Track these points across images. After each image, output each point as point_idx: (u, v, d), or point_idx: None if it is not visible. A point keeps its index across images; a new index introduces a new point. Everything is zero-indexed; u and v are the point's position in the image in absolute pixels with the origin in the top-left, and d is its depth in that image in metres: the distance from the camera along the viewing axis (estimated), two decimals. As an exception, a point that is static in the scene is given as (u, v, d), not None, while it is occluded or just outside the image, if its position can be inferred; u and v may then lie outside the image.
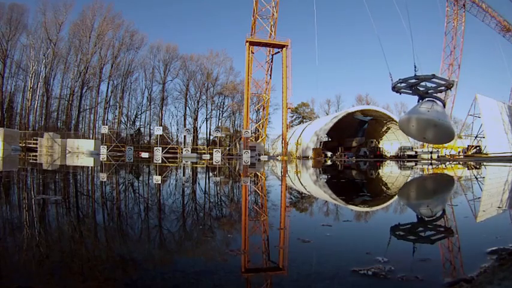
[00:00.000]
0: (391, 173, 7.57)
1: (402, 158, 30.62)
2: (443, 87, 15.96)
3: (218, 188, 3.70)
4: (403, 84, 16.25)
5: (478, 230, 1.73)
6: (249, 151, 25.17)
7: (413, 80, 15.67)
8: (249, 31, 32.03)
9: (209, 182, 4.52)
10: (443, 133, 15.33)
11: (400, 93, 17.07)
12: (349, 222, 1.81)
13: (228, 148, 34.61)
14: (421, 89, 15.98)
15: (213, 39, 76.33)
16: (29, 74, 35.77)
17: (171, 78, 45.40)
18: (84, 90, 39.04)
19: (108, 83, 40.96)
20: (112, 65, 40.53)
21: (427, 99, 15.63)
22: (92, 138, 31.62)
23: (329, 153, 32.65)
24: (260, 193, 3.38)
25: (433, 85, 15.82)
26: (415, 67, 15.43)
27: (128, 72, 42.26)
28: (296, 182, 4.93)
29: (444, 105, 16.36)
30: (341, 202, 2.85)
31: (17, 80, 36.72)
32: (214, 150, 25.51)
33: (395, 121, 36.44)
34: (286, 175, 6.43)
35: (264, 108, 34.81)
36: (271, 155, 36.03)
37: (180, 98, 46.07)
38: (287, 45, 30.70)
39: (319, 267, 1.05)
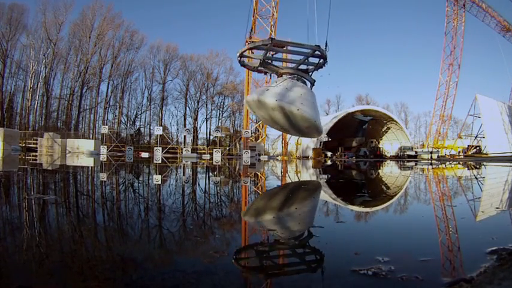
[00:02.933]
0: (391, 174, 7.58)
1: (402, 158, 30.62)
2: (310, 59, 11.36)
3: (218, 188, 3.70)
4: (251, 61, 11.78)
5: (477, 230, 1.73)
6: (249, 151, 25.16)
7: (258, 51, 10.99)
8: (249, 31, 32.04)
9: (209, 182, 4.52)
10: (294, 122, 10.80)
11: (264, 73, 12.44)
12: (343, 223, 1.81)
13: (228, 148, 34.60)
14: (278, 63, 11.73)
15: (213, 39, 76.32)
16: (29, 74, 35.76)
17: (171, 78, 45.44)
18: (84, 90, 39.06)
19: (108, 83, 40.99)
20: (112, 65, 40.54)
21: (286, 77, 11.48)
22: (92, 138, 31.61)
23: (329, 153, 32.66)
24: (260, 193, 3.38)
25: (296, 57, 11.49)
26: (251, 31, 10.38)
27: (128, 72, 42.27)
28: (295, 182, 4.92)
29: (312, 84, 11.87)
30: (339, 203, 2.85)
31: (17, 80, 36.75)
32: (214, 150, 25.53)
33: (395, 121, 36.46)
34: (286, 175, 6.43)
35: (264, 108, 34.74)
36: (271, 155, 36.02)
37: (180, 98, 46.12)
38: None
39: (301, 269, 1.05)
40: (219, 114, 48.92)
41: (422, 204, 2.77)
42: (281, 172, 7.51)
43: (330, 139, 35.03)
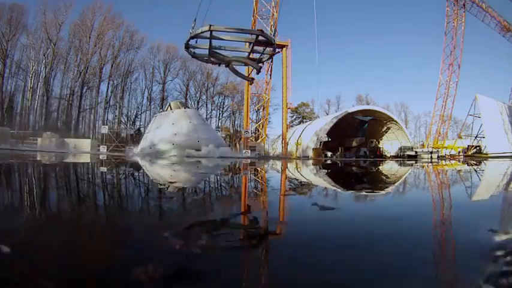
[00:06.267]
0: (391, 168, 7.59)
1: (402, 157, 30.63)
2: (261, 47, 10.21)
3: (218, 183, 3.70)
4: (198, 51, 10.91)
5: (476, 228, 1.73)
6: (249, 151, 25.16)
7: (202, 40, 10.04)
8: (248, 31, 31.97)
9: (209, 180, 4.53)
10: None
11: (218, 64, 11.42)
12: (334, 211, 1.80)
13: (228, 148, 34.56)
14: (224, 52, 10.50)
15: (213, 39, 76.18)
16: (29, 74, 35.79)
17: (171, 78, 45.49)
18: (84, 90, 39.07)
19: (108, 83, 40.97)
20: (112, 65, 40.53)
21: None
22: (92, 138, 31.63)
23: (329, 153, 32.65)
24: (256, 191, 3.38)
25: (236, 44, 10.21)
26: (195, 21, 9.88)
27: (128, 72, 42.27)
28: (291, 181, 4.93)
29: (259, 71, 11.17)
30: (336, 188, 2.85)
31: (17, 80, 36.76)
32: (214, 150, 25.50)
33: (395, 121, 36.45)
34: (284, 174, 6.43)
35: (264, 108, 34.76)
36: (271, 155, 36.03)
37: (180, 98, 46.12)
38: (287, 45, 30.70)
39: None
40: (219, 114, 49.01)
41: (422, 200, 2.76)
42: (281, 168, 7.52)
43: (329, 139, 35.07)
